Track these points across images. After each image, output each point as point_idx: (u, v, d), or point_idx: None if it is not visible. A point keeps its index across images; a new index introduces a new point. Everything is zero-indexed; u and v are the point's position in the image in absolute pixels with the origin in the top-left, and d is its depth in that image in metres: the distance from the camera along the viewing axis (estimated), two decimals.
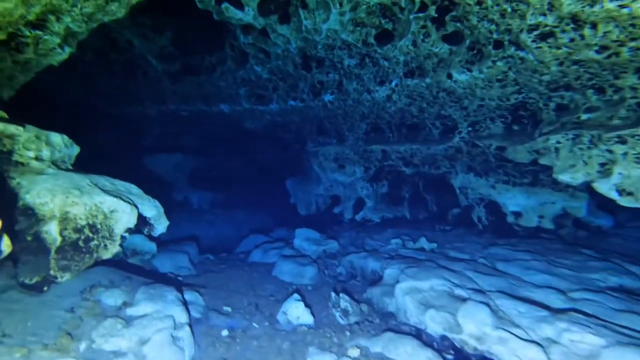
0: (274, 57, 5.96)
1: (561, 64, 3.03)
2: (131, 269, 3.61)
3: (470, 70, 4.00)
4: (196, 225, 8.58)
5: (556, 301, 2.88)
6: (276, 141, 10.87)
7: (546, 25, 2.71)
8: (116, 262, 4.06)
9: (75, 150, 3.23)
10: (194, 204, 9.30)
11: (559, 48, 2.85)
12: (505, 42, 3.39)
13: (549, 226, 4.48)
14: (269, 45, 5.66)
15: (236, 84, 6.92)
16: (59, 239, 2.51)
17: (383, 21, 4.53)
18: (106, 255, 2.87)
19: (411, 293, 3.55)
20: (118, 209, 2.96)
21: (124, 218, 3.00)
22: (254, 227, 10.23)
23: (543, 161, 3.62)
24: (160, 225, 3.72)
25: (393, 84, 5.30)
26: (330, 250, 5.74)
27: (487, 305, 2.98)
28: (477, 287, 3.49)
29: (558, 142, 3.41)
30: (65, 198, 2.58)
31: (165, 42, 6.50)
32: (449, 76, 4.37)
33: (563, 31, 2.66)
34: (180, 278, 4.28)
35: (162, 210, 3.66)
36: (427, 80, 4.73)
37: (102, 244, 2.84)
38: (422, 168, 5.96)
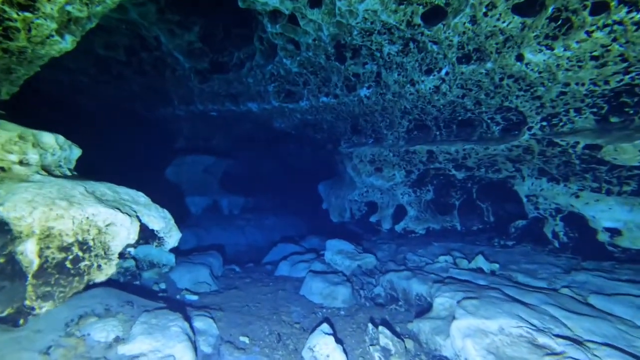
0: (304, 48, 5.37)
1: None
2: (136, 290, 3.16)
3: (551, 48, 3.10)
4: (226, 232, 8.26)
5: None
6: (308, 142, 10.33)
7: None
8: (125, 277, 3.67)
9: (76, 152, 2.85)
10: (224, 208, 9.01)
11: None
12: (614, 2, 2.48)
13: None
14: (298, 34, 5.08)
15: (265, 80, 6.44)
16: (37, 261, 2.06)
17: None
18: (100, 277, 2.41)
19: (474, 336, 2.73)
20: (116, 222, 2.50)
21: (122, 233, 2.53)
22: (285, 234, 9.76)
23: None
24: (171, 239, 3.24)
25: (443, 72, 4.46)
26: (366, 265, 5.01)
27: None
28: (569, 334, 2.59)
29: None
30: (49, 211, 2.14)
31: (192, 37, 6.18)
32: (519, 58, 3.47)
33: None
34: (195, 297, 3.79)
35: (172, 222, 3.17)
36: (488, 65, 3.85)
37: (95, 265, 2.38)
38: (477, 172, 5.03)
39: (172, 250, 4.85)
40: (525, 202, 4.48)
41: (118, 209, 2.57)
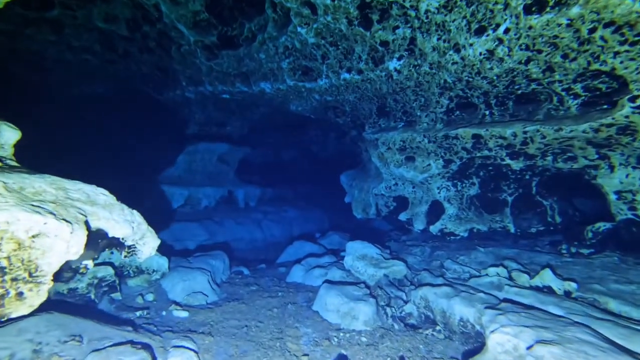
0: (321, 12, 4.45)
1: None
2: (101, 311, 2.51)
3: None
4: (241, 226, 7.66)
5: None
6: (330, 128, 9.44)
7: None
8: (99, 290, 3.06)
9: (9, 136, 2.20)
10: (240, 200, 8.41)
11: None
12: None
13: None
14: None
15: (278, 55, 5.60)
16: None
17: None
18: (21, 309, 1.75)
19: None
20: (47, 232, 1.82)
21: (58, 246, 1.86)
22: (305, 229, 9.05)
23: None
24: (145, 247, 2.55)
25: (501, 29, 3.39)
26: (394, 275, 4.14)
27: None
28: None
29: None
30: None
31: (197, 6, 5.43)
32: None
33: None
34: (185, 315, 3.13)
35: (144, 226, 2.48)
36: (574, 10, 2.75)
37: (13, 292, 1.72)
38: (540, 160, 3.94)
39: (168, 252, 4.22)
40: (614, 200, 3.37)
41: (53, 213, 1.88)
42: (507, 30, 3.35)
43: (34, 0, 5.29)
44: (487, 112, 4.40)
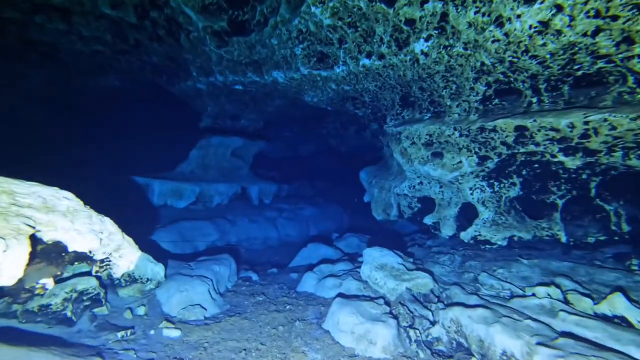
0: None
1: None
2: (63, 341, 2.14)
3: None
4: (254, 225, 7.30)
5: None
6: (349, 120, 8.86)
7: None
8: (79, 305, 2.71)
9: None
10: (254, 197, 8.05)
11: None
12: None
13: None
14: None
15: (291, 39, 5.08)
16: None
17: None
18: None
19: None
20: None
21: None
22: (322, 227, 8.58)
23: None
24: (122, 260, 2.18)
25: None
26: (418, 289, 3.58)
27: None
28: None
29: None
30: None
31: None
32: None
33: None
34: (177, 334, 2.74)
35: (117, 236, 2.09)
36: None
37: None
38: (604, 157, 3.22)
39: (170, 255, 3.87)
40: None
41: None
42: None
43: None
44: (534, 99, 3.70)
